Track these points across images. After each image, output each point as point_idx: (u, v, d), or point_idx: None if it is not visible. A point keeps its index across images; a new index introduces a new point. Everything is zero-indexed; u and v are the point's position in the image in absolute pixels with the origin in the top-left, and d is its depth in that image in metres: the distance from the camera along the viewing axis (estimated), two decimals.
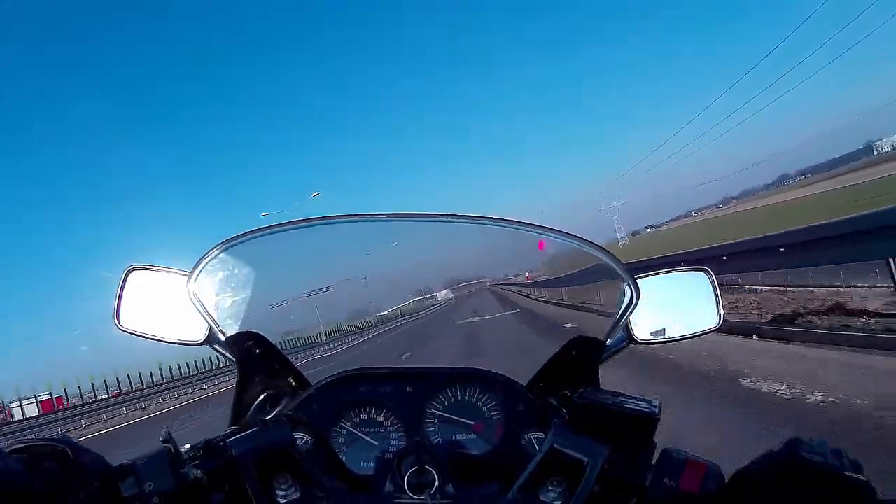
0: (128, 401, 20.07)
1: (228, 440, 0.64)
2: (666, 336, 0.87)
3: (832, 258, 6.41)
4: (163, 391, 21.55)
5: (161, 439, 0.62)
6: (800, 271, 7.71)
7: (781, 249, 7.27)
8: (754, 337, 5.97)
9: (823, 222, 7.10)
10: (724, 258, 8.92)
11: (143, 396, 20.65)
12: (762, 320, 6.30)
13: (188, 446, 0.66)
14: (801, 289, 7.74)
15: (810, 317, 5.82)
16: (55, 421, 17.44)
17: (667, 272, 0.87)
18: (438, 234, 0.93)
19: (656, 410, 0.63)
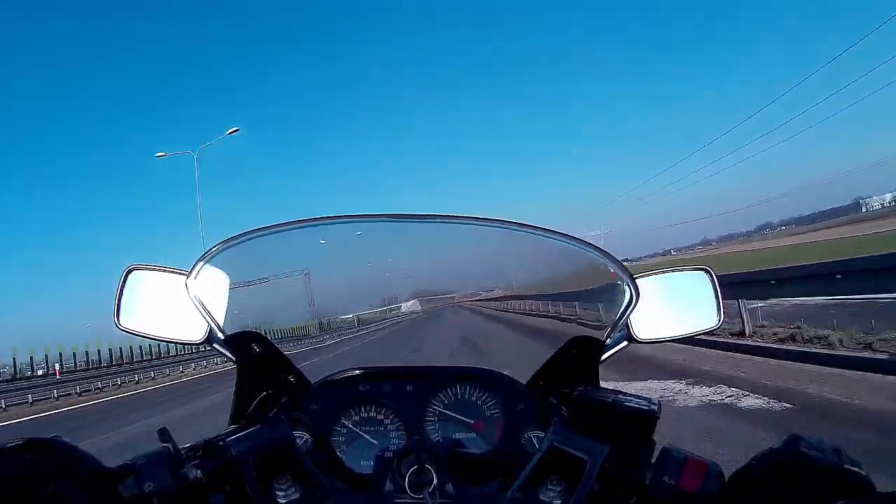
0: (37, 386, 16.64)
1: (228, 439, 0.63)
2: (666, 335, 0.87)
3: None
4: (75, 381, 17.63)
5: (159, 438, 0.62)
6: None
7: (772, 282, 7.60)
8: None
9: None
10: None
11: (62, 381, 17.32)
12: None
13: (187, 446, 0.65)
14: None
15: None
16: None
17: (667, 272, 0.87)
18: (433, 236, 0.93)
19: (655, 409, 0.63)
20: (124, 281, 0.85)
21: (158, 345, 22.08)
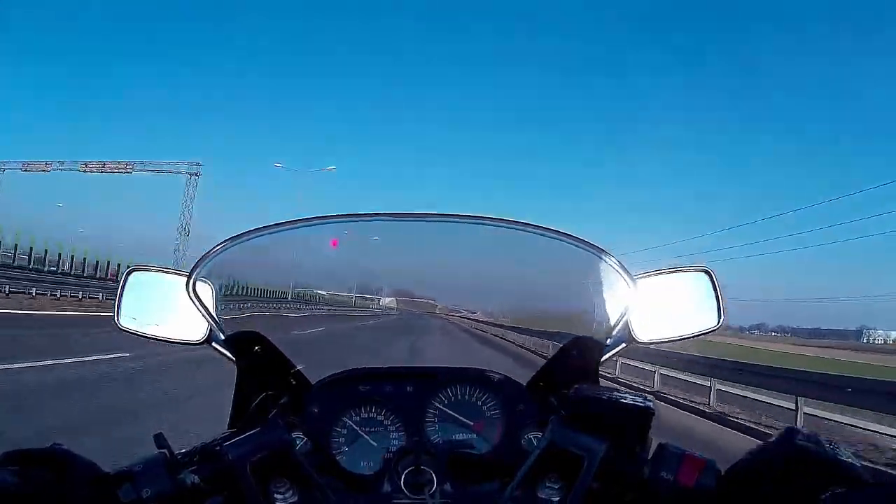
0: None
1: (225, 444, 0.63)
2: (666, 336, 0.86)
3: None
4: None
5: (156, 444, 0.62)
6: None
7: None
8: None
9: None
10: None
11: None
12: None
13: (184, 450, 0.66)
14: None
15: None
16: None
17: (667, 272, 0.87)
18: (436, 236, 0.95)
19: (651, 406, 0.63)
20: (125, 282, 0.86)
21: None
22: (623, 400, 0.63)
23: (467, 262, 1.09)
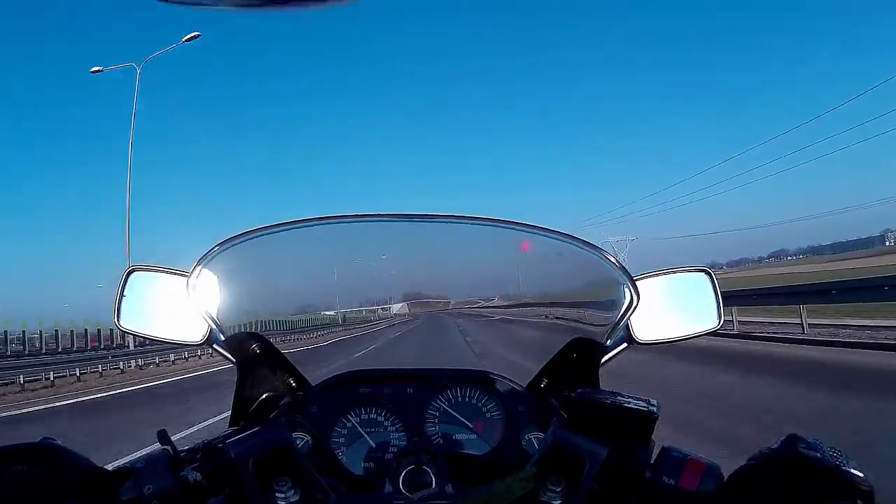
0: None
1: (227, 442, 0.63)
2: (667, 336, 0.87)
3: None
4: None
5: (159, 440, 0.62)
6: None
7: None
8: None
9: None
10: None
11: None
12: None
13: (186, 448, 0.66)
14: None
15: None
16: None
17: (666, 273, 0.87)
18: (430, 236, 0.94)
19: (655, 409, 0.63)
20: (125, 282, 0.85)
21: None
22: (626, 404, 0.63)
23: (474, 261, 1.09)
